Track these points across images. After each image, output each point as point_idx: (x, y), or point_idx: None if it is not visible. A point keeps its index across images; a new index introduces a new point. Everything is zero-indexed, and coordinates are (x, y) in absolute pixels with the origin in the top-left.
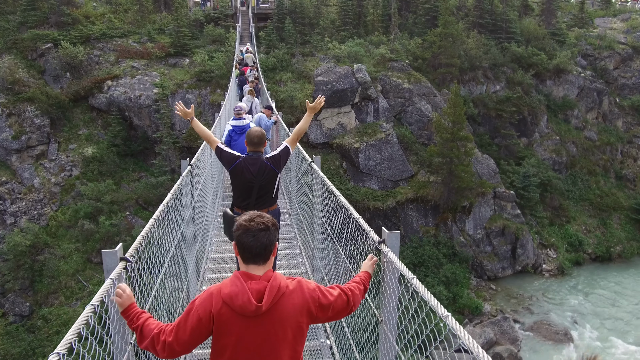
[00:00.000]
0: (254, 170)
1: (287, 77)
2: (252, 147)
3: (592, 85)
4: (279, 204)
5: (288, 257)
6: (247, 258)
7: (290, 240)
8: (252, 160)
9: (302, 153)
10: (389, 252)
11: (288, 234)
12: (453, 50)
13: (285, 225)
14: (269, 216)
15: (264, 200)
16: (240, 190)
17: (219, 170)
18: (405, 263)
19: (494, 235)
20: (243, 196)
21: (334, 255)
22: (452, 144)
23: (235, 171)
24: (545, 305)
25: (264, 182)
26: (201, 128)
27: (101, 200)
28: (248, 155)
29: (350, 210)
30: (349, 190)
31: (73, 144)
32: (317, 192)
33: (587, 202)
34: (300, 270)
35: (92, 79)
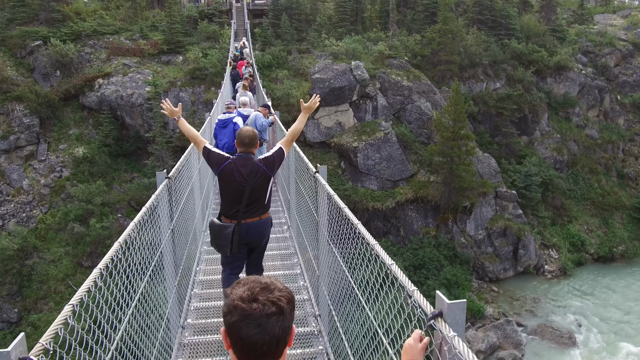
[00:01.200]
0: (244, 172)
1: (283, 74)
2: (242, 148)
3: (593, 82)
4: (272, 212)
5: (287, 278)
6: (249, 358)
7: (290, 257)
8: (243, 161)
9: (304, 160)
10: (454, 336)
11: (287, 249)
12: (453, 47)
13: (284, 239)
14: (281, 285)
15: (256, 208)
16: (229, 196)
17: (210, 177)
18: (406, 265)
19: (496, 236)
20: (232, 202)
21: (345, 285)
22: (453, 142)
23: (224, 174)
24: (548, 307)
25: (255, 186)
26: (187, 127)
27: (92, 202)
28: (238, 157)
29: (384, 258)
30: (347, 190)
31: (63, 144)
32: (323, 211)
33: (589, 202)
34: (302, 296)
35: (83, 77)
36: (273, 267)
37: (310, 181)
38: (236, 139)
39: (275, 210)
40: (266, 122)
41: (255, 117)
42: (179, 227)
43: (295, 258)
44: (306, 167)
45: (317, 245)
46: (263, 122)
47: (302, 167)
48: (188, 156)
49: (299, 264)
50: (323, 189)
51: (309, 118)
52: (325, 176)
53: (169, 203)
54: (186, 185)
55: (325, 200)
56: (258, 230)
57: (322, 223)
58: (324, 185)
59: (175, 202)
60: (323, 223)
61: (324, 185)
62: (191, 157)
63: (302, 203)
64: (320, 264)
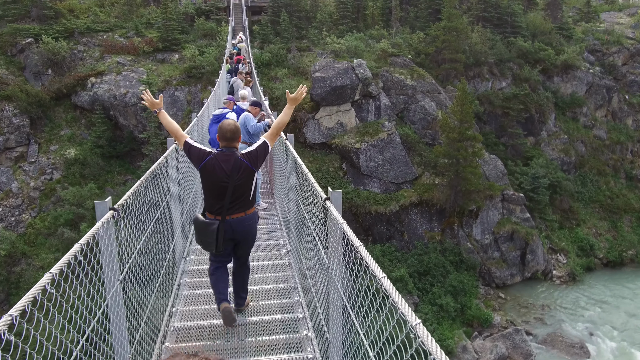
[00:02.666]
0: (227, 168)
1: (282, 73)
2: (224, 142)
3: (601, 81)
4: (269, 229)
5: (287, 326)
6: None
7: (290, 293)
8: (225, 156)
9: (309, 181)
10: (330, 206)
11: (285, 281)
12: (457, 45)
13: (282, 267)
14: None
15: (240, 204)
16: (212, 192)
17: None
18: (410, 272)
19: (503, 241)
20: (215, 198)
21: None
22: (460, 144)
23: (206, 169)
24: (557, 315)
25: (239, 181)
26: (168, 120)
27: (83, 205)
28: (220, 151)
29: None
30: (349, 194)
31: (54, 145)
32: (335, 252)
33: (597, 204)
34: (306, 355)
35: (75, 75)
36: (268, 309)
37: (317, 207)
38: (217, 133)
39: (272, 228)
40: (261, 124)
41: (244, 119)
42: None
43: (297, 295)
44: (312, 190)
45: (326, 294)
46: (255, 126)
47: (305, 184)
48: (189, 130)
49: (300, 303)
50: (336, 224)
51: (310, 118)
52: (340, 206)
53: None
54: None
55: (338, 239)
56: (243, 226)
57: (336, 270)
58: (335, 218)
59: None
60: (336, 270)
61: (335, 218)
62: (173, 158)
63: (306, 232)
64: (331, 322)
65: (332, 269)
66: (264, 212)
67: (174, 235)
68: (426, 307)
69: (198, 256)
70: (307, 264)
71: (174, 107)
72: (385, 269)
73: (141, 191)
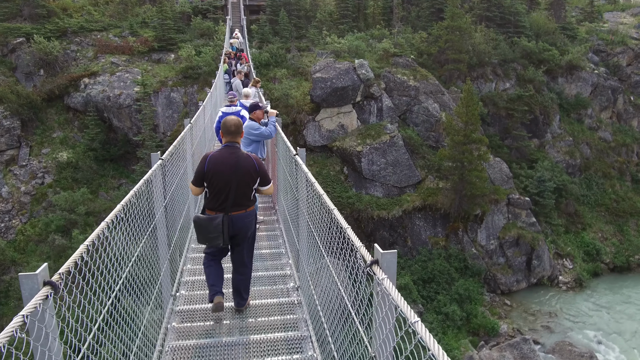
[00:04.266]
0: (232, 162)
1: (281, 73)
2: (229, 137)
3: (606, 82)
4: (272, 255)
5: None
6: None
7: (301, 345)
8: (230, 151)
9: (348, 237)
10: (385, 278)
11: (295, 327)
12: (461, 45)
13: (290, 307)
14: None
15: (240, 202)
16: (216, 188)
17: None
18: (414, 279)
19: (508, 246)
20: (218, 195)
21: None
22: (465, 147)
23: (210, 165)
24: (565, 322)
25: (242, 178)
26: None
27: (75, 211)
28: (225, 147)
29: None
30: (350, 198)
31: (46, 148)
32: (383, 338)
33: (603, 208)
34: None
35: (68, 76)
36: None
37: (350, 259)
38: (221, 129)
39: (276, 254)
40: (271, 127)
41: (247, 128)
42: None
43: (310, 349)
44: (345, 242)
45: None
46: (261, 130)
47: (322, 214)
48: (181, 140)
49: (310, 341)
50: (389, 302)
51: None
52: (394, 272)
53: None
54: (180, 167)
55: (389, 323)
56: (244, 222)
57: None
58: (388, 290)
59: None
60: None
61: (388, 290)
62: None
63: (326, 278)
64: None
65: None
66: (265, 228)
67: (160, 269)
68: (431, 316)
69: (190, 291)
70: (325, 313)
71: (170, 109)
72: None
73: (116, 225)
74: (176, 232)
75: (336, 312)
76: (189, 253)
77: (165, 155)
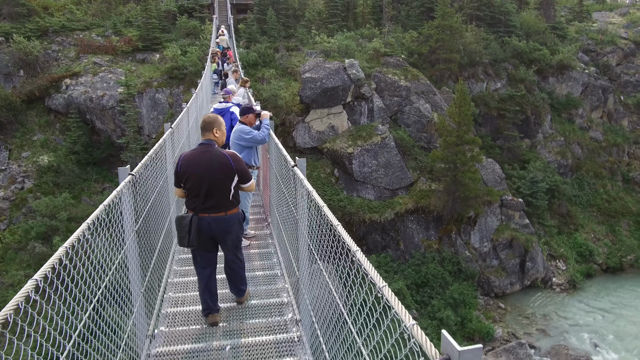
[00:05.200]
0: (204, 160)
1: (270, 73)
2: (203, 135)
3: (597, 82)
4: (267, 277)
5: None
6: None
7: None
8: (203, 149)
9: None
10: None
11: (291, 353)
12: (452, 45)
13: (289, 344)
14: None
15: (218, 203)
16: (190, 189)
17: None
18: (408, 284)
19: (501, 248)
20: (192, 194)
21: None
22: (458, 148)
23: (183, 164)
24: (560, 325)
25: (215, 178)
26: None
27: (56, 217)
28: (199, 145)
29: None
30: (342, 201)
31: (26, 151)
32: None
33: (595, 208)
34: None
35: (49, 77)
36: None
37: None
38: (200, 126)
39: (271, 276)
40: (265, 130)
41: (238, 132)
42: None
43: None
44: None
45: None
46: (254, 135)
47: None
48: (158, 149)
49: None
50: None
51: (300, 121)
52: None
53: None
54: (158, 179)
55: None
56: (222, 227)
57: None
58: None
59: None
60: None
61: None
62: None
63: (331, 309)
64: None
65: None
66: (257, 244)
67: (133, 307)
68: (425, 322)
69: (170, 326)
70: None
71: (155, 111)
72: None
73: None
74: (154, 255)
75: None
76: (177, 255)
77: (136, 169)
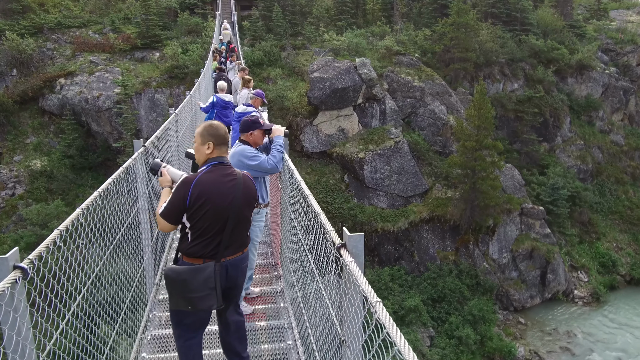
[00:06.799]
0: (229, 189)
1: (276, 73)
2: (220, 149)
3: (618, 83)
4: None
5: None
6: None
7: None
8: (224, 173)
9: None
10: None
11: None
12: (467, 43)
13: None
14: None
15: (239, 241)
16: (205, 228)
17: None
18: (424, 299)
19: (521, 259)
20: (209, 237)
21: None
22: (477, 153)
23: (197, 193)
24: (585, 343)
25: (241, 211)
26: None
27: (48, 226)
28: (215, 166)
29: None
30: (352, 209)
31: (18, 155)
32: None
33: (617, 215)
34: None
35: (42, 76)
36: None
37: None
38: (213, 137)
39: (274, 308)
40: (272, 160)
41: (240, 154)
42: None
43: None
44: None
45: None
46: (262, 161)
47: None
48: (164, 130)
49: None
50: None
51: (308, 124)
52: None
53: None
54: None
55: None
56: (240, 270)
57: None
58: None
59: None
60: None
61: None
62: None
63: None
64: None
65: None
66: (263, 310)
67: None
68: (443, 341)
69: None
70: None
71: (154, 112)
72: (396, 297)
73: None
74: None
75: None
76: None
77: (148, 142)
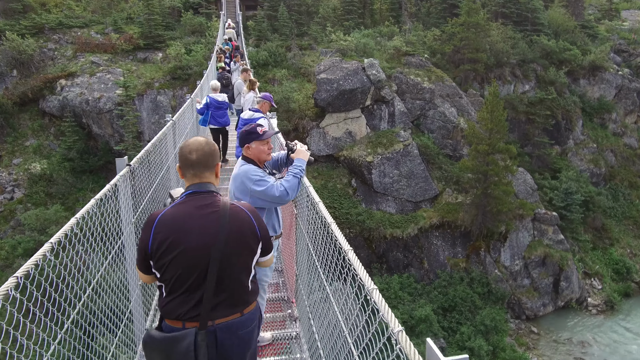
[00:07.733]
0: (207, 224)
1: (281, 74)
2: (192, 175)
3: (632, 85)
4: None
5: None
6: None
7: None
8: (200, 203)
9: None
10: None
11: None
12: (478, 43)
13: None
14: None
15: (236, 296)
16: (175, 281)
17: None
18: (434, 308)
19: (534, 266)
20: (181, 285)
21: None
22: (490, 157)
23: (159, 235)
24: (600, 353)
25: (232, 253)
26: None
27: (47, 231)
28: (188, 196)
29: None
30: (360, 215)
31: (18, 157)
32: None
33: (631, 221)
34: None
35: (42, 77)
36: None
37: None
38: (179, 160)
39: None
40: (283, 186)
41: (243, 175)
42: None
43: None
44: None
45: None
46: (264, 189)
47: None
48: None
49: None
50: None
51: (315, 127)
52: None
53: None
54: None
55: None
56: (237, 338)
57: None
58: None
59: None
60: None
61: None
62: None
63: None
64: None
65: None
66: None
67: None
68: (454, 352)
69: None
70: None
71: (156, 114)
72: (405, 306)
73: None
74: None
75: None
76: None
77: (135, 160)
